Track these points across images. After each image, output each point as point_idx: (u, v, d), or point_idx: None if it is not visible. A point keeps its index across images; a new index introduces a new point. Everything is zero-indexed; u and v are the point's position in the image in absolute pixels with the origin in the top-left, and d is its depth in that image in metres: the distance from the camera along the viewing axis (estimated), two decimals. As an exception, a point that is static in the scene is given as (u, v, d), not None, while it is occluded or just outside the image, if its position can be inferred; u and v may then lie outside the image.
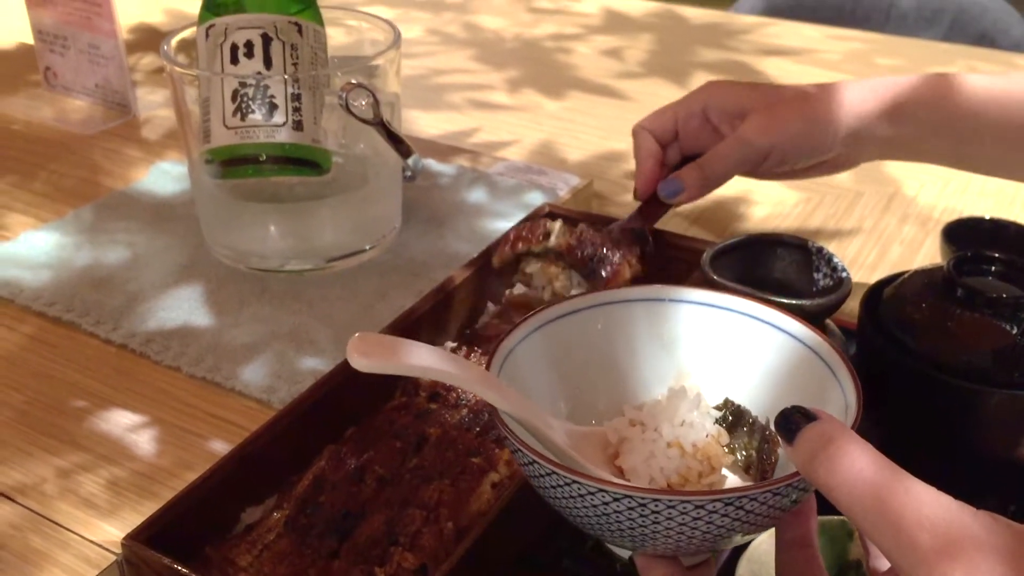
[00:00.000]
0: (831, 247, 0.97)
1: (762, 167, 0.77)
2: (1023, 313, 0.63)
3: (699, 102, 0.79)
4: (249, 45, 0.81)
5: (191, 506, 0.59)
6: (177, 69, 0.83)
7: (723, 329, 0.51)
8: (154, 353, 0.76)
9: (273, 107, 0.81)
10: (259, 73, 0.81)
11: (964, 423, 0.63)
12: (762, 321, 0.50)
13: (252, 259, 0.87)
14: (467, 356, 0.75)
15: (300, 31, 0.82)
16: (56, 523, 0.62)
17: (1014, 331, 0.62)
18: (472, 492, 0.63)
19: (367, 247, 0.88)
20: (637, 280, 0.77)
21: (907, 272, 0.71)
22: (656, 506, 0.37)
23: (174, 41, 0.85)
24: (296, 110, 0.81)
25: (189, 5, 1.65)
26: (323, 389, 0.68)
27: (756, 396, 0.50)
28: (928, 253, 0.95)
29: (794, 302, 0.66)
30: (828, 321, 0.71)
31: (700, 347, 0.52)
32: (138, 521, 0.57)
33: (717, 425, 0.47)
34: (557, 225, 0.79)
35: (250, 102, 0.81)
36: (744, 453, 0.46)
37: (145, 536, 0.56)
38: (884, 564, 0.42)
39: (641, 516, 0.37)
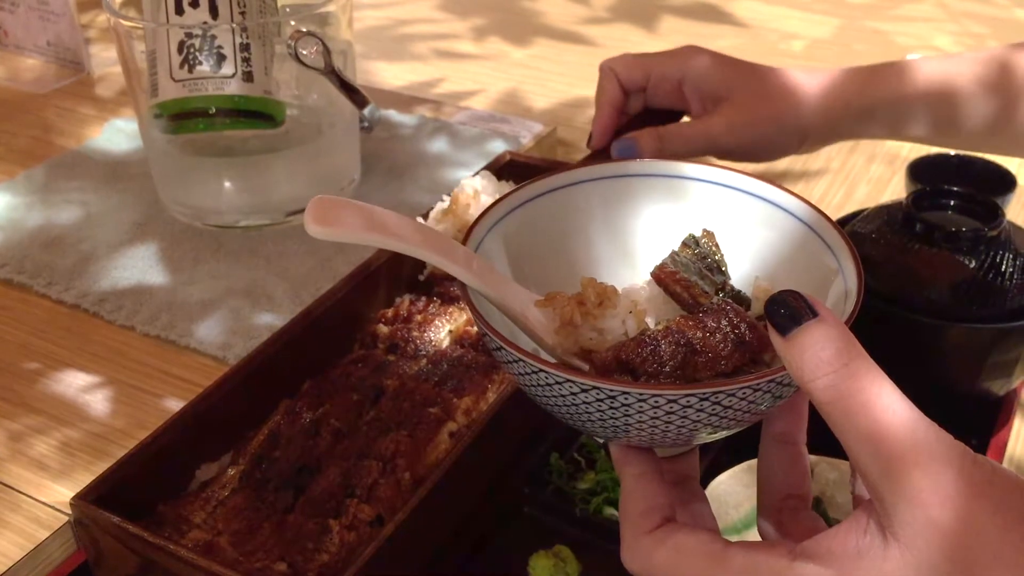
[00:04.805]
0: (799, 187, 0.96)
1: (722, 158, 0.73)
2: (982, 247, 0.62)
3: (677, 69, 0.73)
4: (194, -6, 0.79)
5: (142, 465, 0.58)
6: (123, 22, 0.80)
7: (718, 206, 0.47)
8: (107, 313, 0.75)
9: (221, 58, 0.79)
10: (205, 23, 0.78)
11: (923, 358, 0.63)
12: (756, 196, 0.45)
13: (208, 215, 0.85)
14: (426, 306, 0.74)
15: (246, -22, 0.80)
16: (7, 485, 0.61)
17: (972, 265, 0.61)
18: (429, 442, 0.62)
19: (325, 200, 0.86)
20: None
21: (868, 209, 0.70)
22: (626, 399, 0.34)
23: (118, -7, 0.83)
24: (245, 60, 0.79)
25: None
26: (278, 344, 0.67)
27: (748, 275, 0.46)
28: (895, 191, 0.94)
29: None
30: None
31: (692, 225, 0.46)
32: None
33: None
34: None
35: (197, 53, 0.78)
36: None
37: (94, 496, 0.55)
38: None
39: (611, 408, 0.35)
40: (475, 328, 0.72)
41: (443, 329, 0.72)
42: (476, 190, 0.76)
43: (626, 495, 0.38)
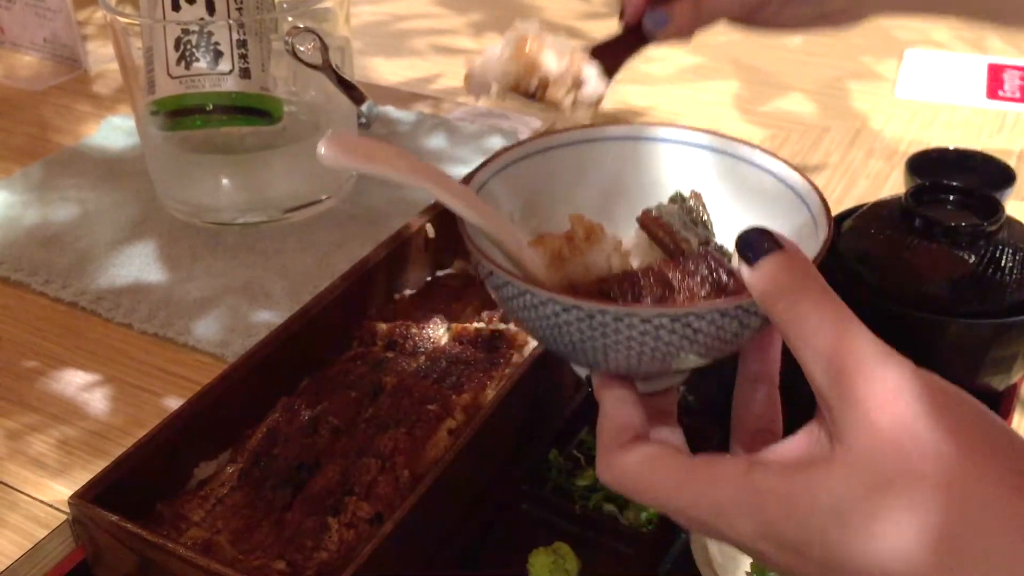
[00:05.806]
0: (796, 183, 0.96)
1: (763, 12, 0.67)
2: (980, 242, 0.62)
3: None
4: (190, -10, 0.78)
5: (141, 463, 0.58)
6: (119, 19, 0.80)
7: (693, 166, 0.49)
8: (105, 310, 0.75)
9: (218, 54, 0.79)
10: (202, 19, 0.78)
11: (922, 354, 0.63)
12: (729, 155, 0.48)
13: (205, 213, 0.85)
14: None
15: (243, -26, 0.80)
16: (5, 484, 0.61)
17: (971, 260, 0.61)
18: (428, 439, 0.62)
19: (323, 197, 0.86)
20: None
21: (866, 204, 0.69)
22: (603, 318, 0.37)
23: (115, -11, 0.82)
24: (242, 57, 0.79)
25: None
26: (276, 341, 0.67)
27: (729, 228, 0.47)
28: (894, 186, 0.94)
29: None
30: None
31: (672, 185, 0.49)
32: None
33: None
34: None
35: (194, 50, 0.78)
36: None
37: (92, 494, 0.55)
38: None
39: (590, 328, 0.38)
40: (474, 325, 0.72)
41: (442, 326, 0.72)
42: (536, 32, 0.73)
43: (602, 416, 0.40)
